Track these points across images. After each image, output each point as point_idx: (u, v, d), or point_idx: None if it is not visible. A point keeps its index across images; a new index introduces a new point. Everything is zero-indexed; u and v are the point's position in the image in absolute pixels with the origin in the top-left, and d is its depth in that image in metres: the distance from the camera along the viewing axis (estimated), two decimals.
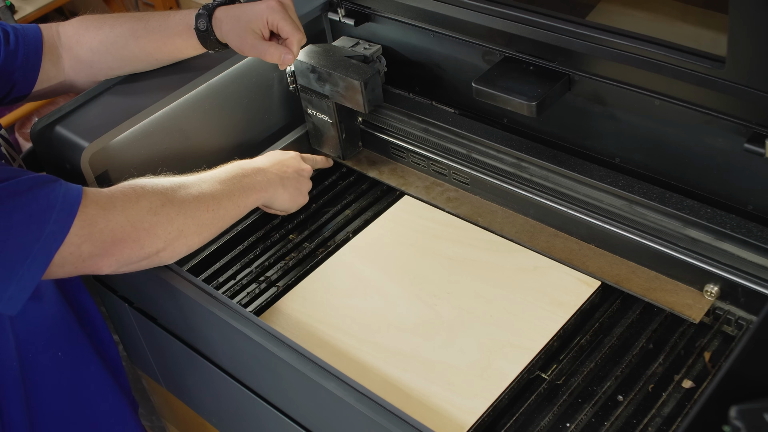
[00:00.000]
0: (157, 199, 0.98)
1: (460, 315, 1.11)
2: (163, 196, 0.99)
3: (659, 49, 0.97)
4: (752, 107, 0.95)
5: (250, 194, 1.11)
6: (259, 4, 1.15)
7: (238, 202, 1.09)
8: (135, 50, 1.20)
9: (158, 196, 0.99)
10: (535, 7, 1.09)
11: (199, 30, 1.18)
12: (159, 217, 0.97)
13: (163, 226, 0.98)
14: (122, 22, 1.20)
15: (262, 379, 1.05)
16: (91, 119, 1.17)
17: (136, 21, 1.20)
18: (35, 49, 1.17)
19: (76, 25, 1.21)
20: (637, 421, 0.98)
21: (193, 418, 1.39)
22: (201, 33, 1.18)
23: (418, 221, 1.27)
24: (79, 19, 1.22)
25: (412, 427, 0.83)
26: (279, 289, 1.22)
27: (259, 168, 1.15)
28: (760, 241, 0.99)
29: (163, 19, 1.20)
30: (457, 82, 1.29)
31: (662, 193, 1.08)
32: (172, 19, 1.20)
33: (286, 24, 1.15)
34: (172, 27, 1.19)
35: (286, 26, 1.15)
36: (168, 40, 1.20)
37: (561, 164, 1.15)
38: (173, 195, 1.00)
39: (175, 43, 1.20)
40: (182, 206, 1.00)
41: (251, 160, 1.17)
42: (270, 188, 1.15)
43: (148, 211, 0.97)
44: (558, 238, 1.19)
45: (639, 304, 1.10)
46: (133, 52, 1.20)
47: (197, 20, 1.17)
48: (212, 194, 1.05)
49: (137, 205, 0.96)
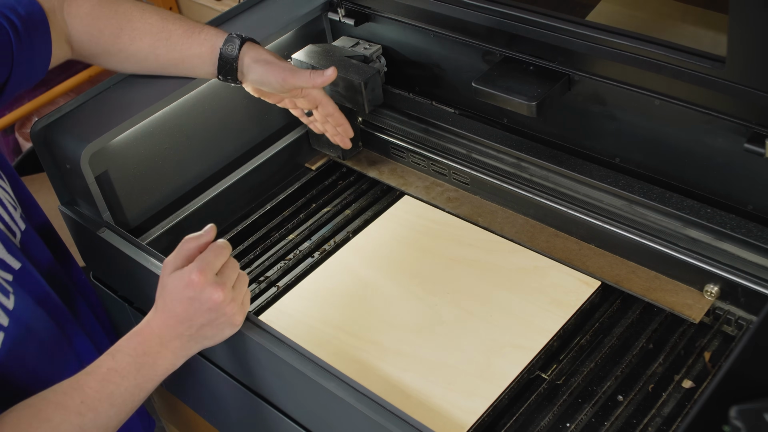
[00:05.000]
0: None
1: (460, 315, 1.11)
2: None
3: (659, 49, 0.97)
4: (752, 107, 0.95)
5: (154, 380, 0.91)
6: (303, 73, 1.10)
7: (140, 395, 0.90)
8: (153, 66, 1.16)
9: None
10: (535, 7, 1.09)
11: (225, 54, 1.11)
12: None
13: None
14: (142, 36, 1.13)
15: (262, 379, 1.05)
16: (91, 119, 1.17)
17: (157, 36, 1.13)
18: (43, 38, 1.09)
19: (87, 24, 1.12)
20: (637, 421, 0.98)
21: (193, 418, 1.39)
22: (225, 58, 1.11)
23: (418, 221, 1.27)
24: (91, 17, 1.12)
25: (412, 427, 0.83)
26: (279, 289, 1.22)
27: (159, 347, 0.90)
28: (760, 241, 1.00)
29: (186, 36, 1.13)
30: (457, 82, 1.29)
31: (662, 193, 1.08)
32: (196, 37, 1.13)
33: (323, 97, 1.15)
34: (195, 46, 1.13)
35: (323, 99, 1.16)
36: (187, 59, 1.14)
37: (561, 164, 1.15)
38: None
39: (193, 62, 1.14)
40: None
41: (148, 330, 0.90)
42: (180, 359, 0.93)
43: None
44: (558, 238, 1.19)
45: (639, 304, 1.10)
46: (150, 68, 1.16)
47: (227, 43, 1.11)
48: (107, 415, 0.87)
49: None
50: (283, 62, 1.12)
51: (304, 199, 1.37)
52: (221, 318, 0.90)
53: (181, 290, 0.88)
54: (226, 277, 0.90)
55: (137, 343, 0.89)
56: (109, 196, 1.19)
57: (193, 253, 0.90)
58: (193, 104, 1.26)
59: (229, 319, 0.91)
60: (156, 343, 0.89)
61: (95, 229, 1.16)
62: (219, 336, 0.92)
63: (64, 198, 1.22)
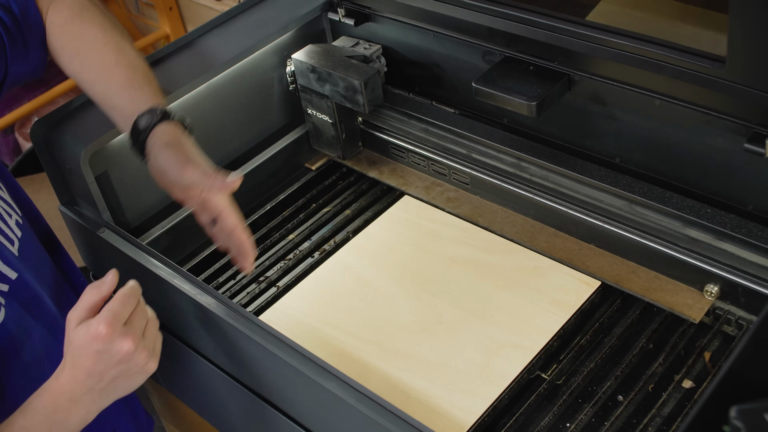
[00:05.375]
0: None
1: (460, 315, 1.11)
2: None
3: (659, 49, 0.97)
4: (752, 107, 0.95)
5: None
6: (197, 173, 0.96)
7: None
8: (93, 98, 1.07)
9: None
10: (535, 7, 1.09)
11: (137, 124, 1.00)
12: None
13: None
14: (89, 68, 1.05)
15: (261, 379, 1.05)
16: (91, 119, 1.16)
17: (100, 75, 1.05)
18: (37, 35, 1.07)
19: (56, 35, 1.07)
20: (637, 421, 0.98)
21: (193, 418, 1.39)
22: (135, 128, 1.00)
23: (418, 221, 1.27)
24: (61, 30, 1.07)
25: (412, 427, 0.83)
26: (279, 289, 1.22)
27: (69, 404, 0.86)
28: (760, 241, 0.99)
29: (123, 88, 1.04)
30: (457, 82, 1.29)
31: (662, 193, 1.08)
32: (131, 93, 1.03)
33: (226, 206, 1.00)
34: (124, 102, 1.03)
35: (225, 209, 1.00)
36: (113, 109, 1.05)
37: (561, 164, 1.15)
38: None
39: (115, 114, 1.05)
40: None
41: (58, 387, 0.86)
42: (93, 413, 0.88)
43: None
44: (558, 238, 1.19)
45: (639, 304, 1.10)
46: (92, 98, 1.08)
47: (146, 114, 1.00)
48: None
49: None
50: (193, 153, 0.98)
51: (304, 199, 1.37)
52: (133, 369, 0.86)
53: (89, 344, 0.83)
54: (135, 326, 0.85)
55: (47, 401, 0.85)
56: (109, 196, 1.19)
57: (97, 303, 0.86)
58: (193, 104, 1.26)
59: (141, 369, 0.87)
60: (66, 399, 0.85)
61: (95, 229, 1.16)
62: (131, 386, 0.89)
63: (64, 198, 1.23)
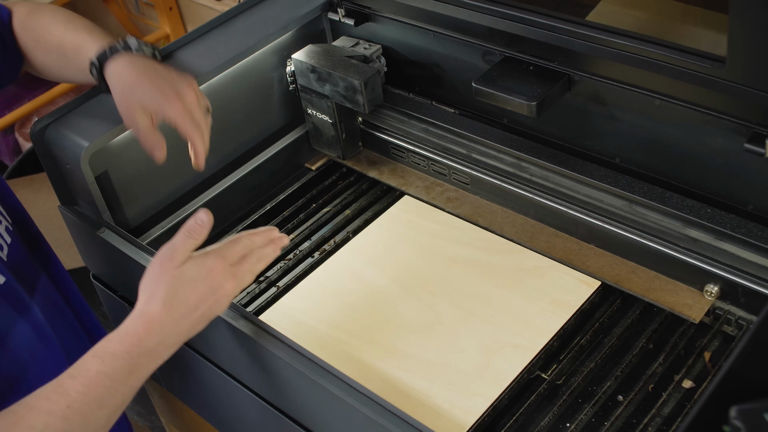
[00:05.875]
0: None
1: (460, 315, 1.11)
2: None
3: (659, 49, 0.97)
4: (752, 107, 0.95)
5: (145, 379, 0.86)
6: (155, 93, 1.03)
7: (131, 395, 0.86)
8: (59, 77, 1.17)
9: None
10: (535, 7, 1.09)
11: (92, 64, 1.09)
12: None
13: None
14: (47, 51, 1.13)
15: (262, 379, 1.05)
16: (91, 119, 1.16)
17: (57, 50, 1.13)
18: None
19: (22, 39, 1.14)
20: (637, 421, 0.98)
21: (193, 418, 1.39)
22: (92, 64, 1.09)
23: (418, 221, 1.27)
24: (23, 29, 1.14)
25: (412, 427, 0.83)
26: (279, 289, 1.22)
27: (157, 345, 0.86)
28: (760, 241, 0.99)
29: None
30: (457, 82, 1.29)
31: (662, 193, 1.08)
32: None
33: (186, 124, 1.03)
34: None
35: (186, 126, 1.03)
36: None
37: (561, 164, 1.15)
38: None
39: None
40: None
41: (143, 328, 0.85)
42: (171, 354, 0.88)
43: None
44: (558, 238, 1.19)
45: (639, 304, 1.10)
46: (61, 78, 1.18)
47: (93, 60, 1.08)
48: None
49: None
50: (139, 116, 1.03)
51: (304, 199, 1.37)
52: (216, 306, 0.89)
53: (203, 279, 0.87)
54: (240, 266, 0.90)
55: (131, 343, 0.84)
56: (109, 196, 1.19)
57: (191, 249, 0.88)
58: None
59: (226, 296, 0.90)
60: (154, 342, 0.85)
61: (95, 229, 1.16)
62: (206, 323, 0.90)
63: (64, 198, 1.22)
